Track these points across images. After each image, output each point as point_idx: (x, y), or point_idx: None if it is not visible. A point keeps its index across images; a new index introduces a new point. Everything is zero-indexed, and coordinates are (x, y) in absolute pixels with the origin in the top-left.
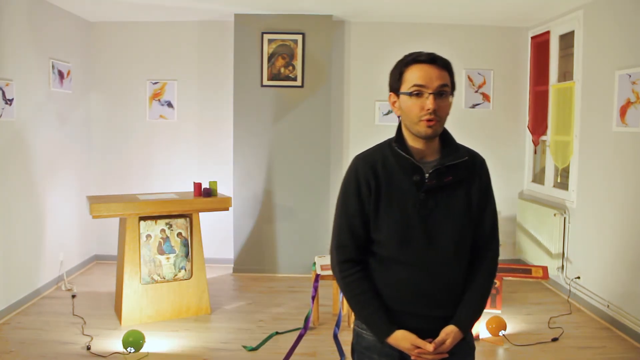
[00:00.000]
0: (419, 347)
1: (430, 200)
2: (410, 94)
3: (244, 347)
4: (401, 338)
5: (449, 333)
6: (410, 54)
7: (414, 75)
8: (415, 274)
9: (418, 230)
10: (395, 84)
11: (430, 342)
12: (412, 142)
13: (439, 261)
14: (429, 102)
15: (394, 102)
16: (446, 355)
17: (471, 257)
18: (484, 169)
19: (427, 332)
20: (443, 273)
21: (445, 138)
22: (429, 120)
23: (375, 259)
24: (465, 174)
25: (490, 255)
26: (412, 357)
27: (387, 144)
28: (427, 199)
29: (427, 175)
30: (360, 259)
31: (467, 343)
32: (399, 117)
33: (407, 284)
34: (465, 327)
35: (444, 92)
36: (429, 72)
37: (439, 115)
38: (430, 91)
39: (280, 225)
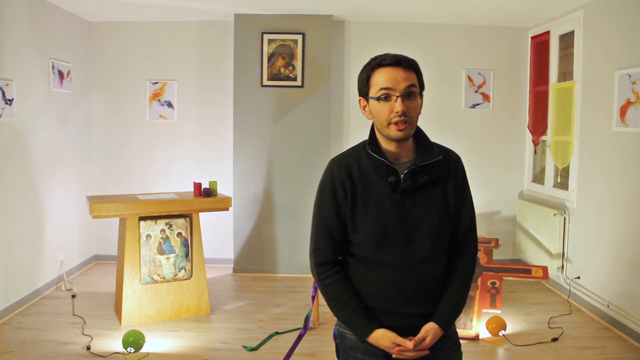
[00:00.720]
0: (399, 345)
1: (407, 200)
2: (378, 98)
3: (244, 347)
4: (381, 337)
5: (429, 330)
6: (376, 58)
7: (380, 79)
8: (394, 273)
9: (395, 230)
10: (363, 88)
11: (410, 340)
12: (386, 144)
13: (417, 260)
14: (397, 105)
15: (364, 106)
16: (427, 352)
17: (450, 254)
18: (459, 166)
19: (409, 329)
20: (422, 271)
21: (419, 138)
22: (399, 124)
23: (354, 259)
24: (441, 172)
25: (469, 252)
26: (394, 355)
27: (362, 146)
28: (403, 199)
29: (402, 176)
30: (337, 261)
31: (449, 339)
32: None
33: (387, 283)
34: (445, 323)
35: (412, 92)
36: (394, 74)
37: (409, 116)
38: (397, 94)
39: (280, 225)
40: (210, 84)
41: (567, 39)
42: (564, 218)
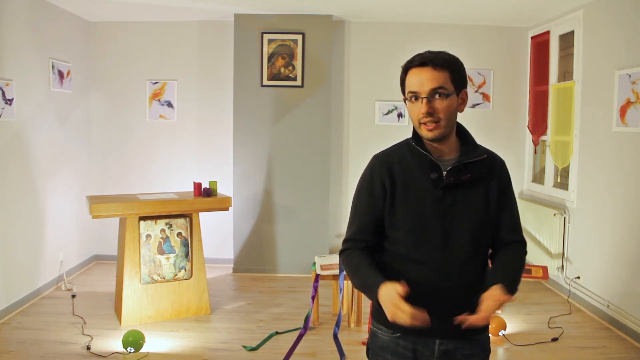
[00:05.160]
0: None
1: (448, 197)
2: (405, 101)
3: (244, 347)
4: (384, 294)
5: (492, 294)
6: (410, 59)
7: (409, 81)
8: (430, 272)
9: (435, 227)
10: (402, 88)
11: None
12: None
13: (455, 260)
14: (423, 106)
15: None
16: (487, 322)
17: (496, 249)
18: (503, 169)
19: (439, 332)
20: (458, 272)
21: (464, 136)
22: (427, 124)
23: (390, 257)
24: (484, 172)
25: (517, 245)
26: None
27: (405, 143)
28: (444, 196)
29: (445, 172)
30: (365, 249)
31: (483, 344)
32: None
33: (422, 282)
34: (509, 284)
35: (440, 93)
36: (421, 76)
37: (437, 116)
38: (423, 96)
39: (280, 225)
40: (210, 84)
41: (567, 39)
42: (564, 218)
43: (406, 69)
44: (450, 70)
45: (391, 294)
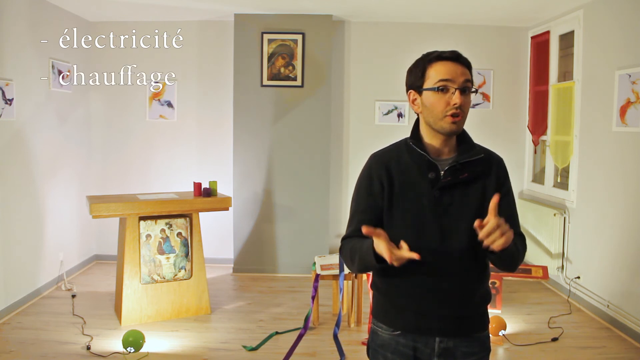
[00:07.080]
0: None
1: (446, 197)
2: (436, 90)
3: (244, 347)
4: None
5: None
6: (433, 52)
7: (439, 71)
8: (429, 272)
9: (432, 227)
10: (417, 81)
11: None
12: (430, 139)
13: (453, 259)
14: (455, 97)
15: (414, 99)
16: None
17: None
18: (501, 167)
19: (439, 331)
20: (456, 272)
21: (462, 136)
22: (454, 116)
23: None
24: (481, 171)
25: (516, 236)
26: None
27: (404, 142)
28: (442, 196)
29: (442, 172)
30: None
31: (482, 343)
32: (417, 114)
33: (420, 283)
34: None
35: (468, 88)
36: (453, 68)
37: (463, 110)
38: (456, 86)
39: (280, 225)
40: (210, 84)
41: (567, 39)
42: (564, 218)
43: (432, 59)
44: (470, 70)
45: (378, 244)
